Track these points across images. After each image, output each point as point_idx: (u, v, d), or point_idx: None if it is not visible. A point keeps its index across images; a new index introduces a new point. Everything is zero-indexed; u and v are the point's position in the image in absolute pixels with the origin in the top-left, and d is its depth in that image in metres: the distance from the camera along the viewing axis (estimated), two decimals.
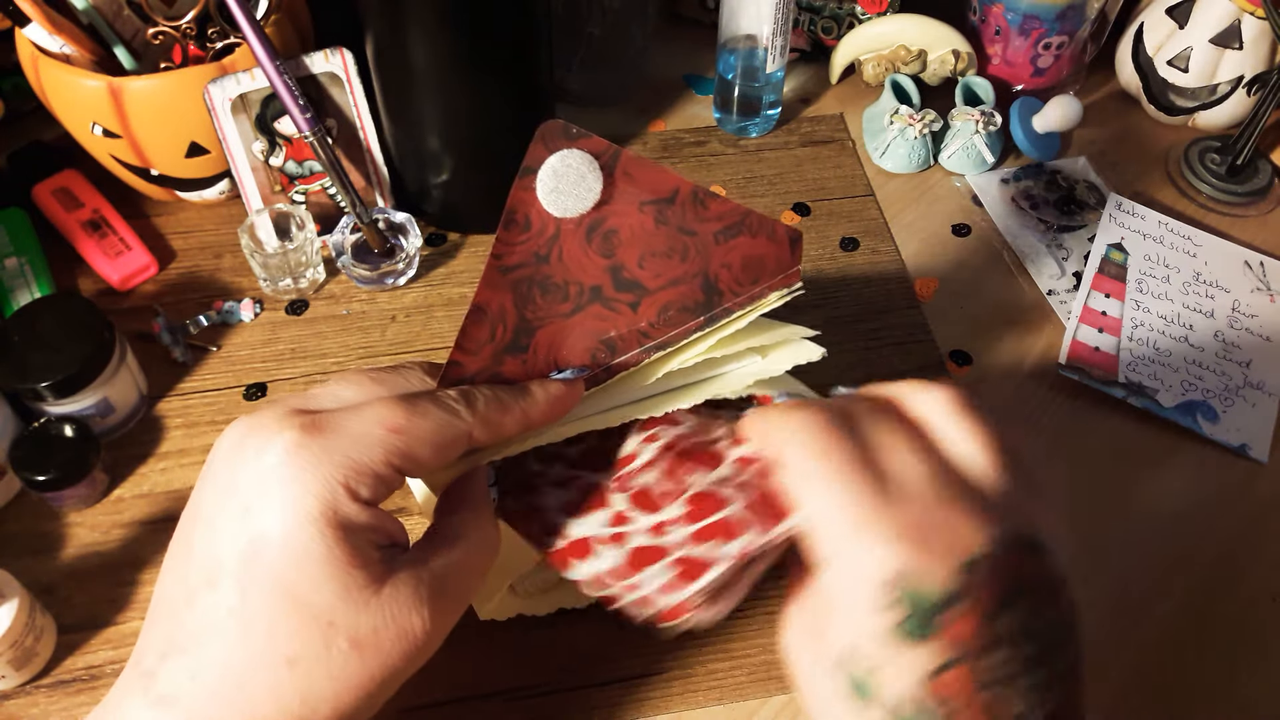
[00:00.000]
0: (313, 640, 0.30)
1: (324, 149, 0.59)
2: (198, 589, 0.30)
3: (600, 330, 0.39)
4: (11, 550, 0.51)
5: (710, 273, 0.41)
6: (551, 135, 0.37)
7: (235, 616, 0.30)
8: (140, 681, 0.31)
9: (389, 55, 0.59)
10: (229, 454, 0.32)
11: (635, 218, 0.39)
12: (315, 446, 0.30)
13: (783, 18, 0.67)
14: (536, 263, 0.38)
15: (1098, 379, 0.59)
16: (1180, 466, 0.56)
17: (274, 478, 0.30)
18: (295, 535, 0.30)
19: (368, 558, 0.31)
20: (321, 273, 0.63)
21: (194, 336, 0.60)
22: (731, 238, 0.41)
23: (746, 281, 0.41)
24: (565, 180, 0.38)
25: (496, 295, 0.38)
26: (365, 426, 0.31)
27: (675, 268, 0.40)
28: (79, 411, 0.53)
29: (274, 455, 0.30)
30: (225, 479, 0.31)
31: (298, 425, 0.31)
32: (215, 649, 0.30)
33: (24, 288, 0.61)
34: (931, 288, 0.65)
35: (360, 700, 0.31)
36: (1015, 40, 0.73)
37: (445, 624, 0.33)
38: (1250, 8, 0.68)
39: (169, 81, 0.57)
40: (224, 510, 0.31)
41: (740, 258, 0.41)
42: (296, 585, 0.30)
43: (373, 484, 0.31)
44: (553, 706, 0.46)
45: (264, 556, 0.30)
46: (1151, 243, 0.67)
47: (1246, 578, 0.52)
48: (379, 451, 0.31)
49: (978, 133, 0.70)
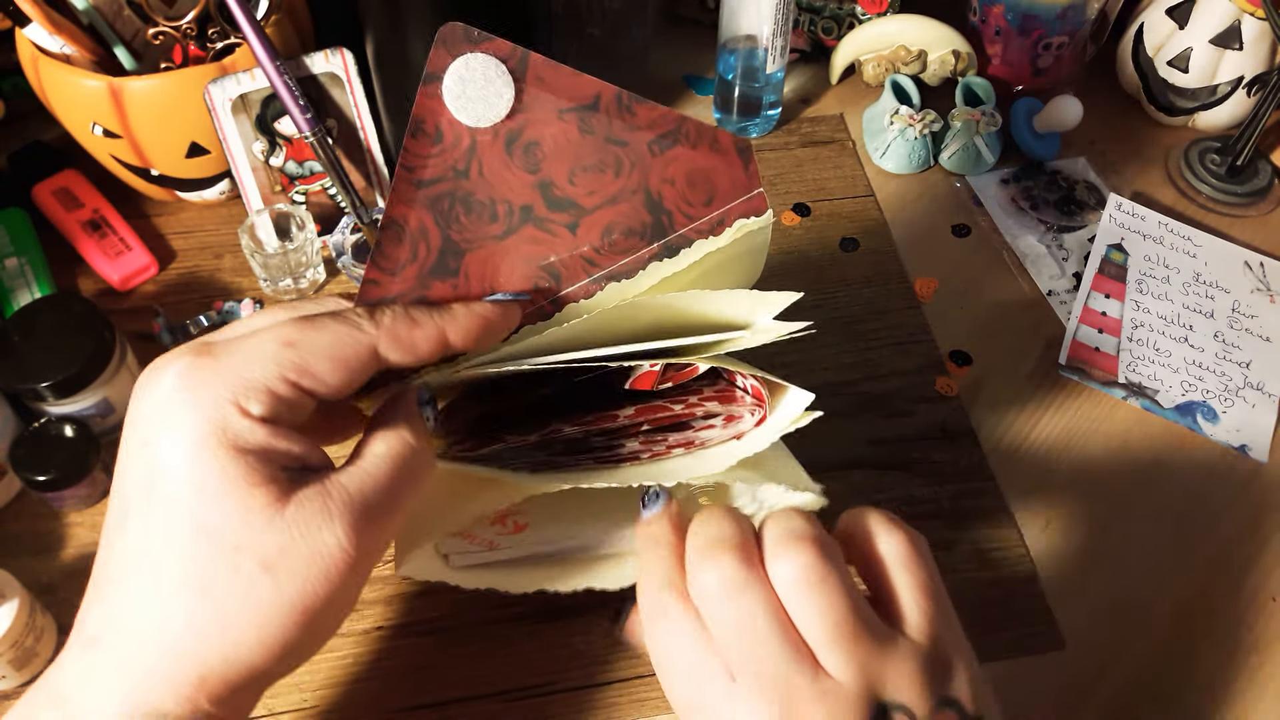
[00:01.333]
0: (221, 566, 0.29)
1: (324, 149, 0.59)
2: (111, 531, 0.30)
3: (538, 255, 0.37)
4: (12, 550, 0.51)
5: (652, 189, 0.38)
6: (453, 39, 0.35)
7: (145, 553, 0.29)
8: (75, 633, 0.31)
9: (389, 55, 0.59)
10: (136, 392, 0.31)
11: (556, 126, 0.37)
12: (205, 369, 0.30)
13: (783, 18, 0.67)
14: (455, 177, 0.36)
15: (1098, 379, 0.59)
16: (1180, 467, 0.56)
17: (167, 405, 0.30)
18: (190, 460, 0.29)
19: (267, 476, 0.30)
20: (322, 273, 0.63)
21: (194, 336, 0.60)
22: (668, 148, 0.38)
23: (698, 202, 0.38)
24: (472, 85, 0.35)
25: (413, 212, 0.35)
26: (258, 344, 0.30)
27: (610, 183, 0.37)
28: (79, 411, 0.53)
29: (167, 382, 0.30)
30: (130, 416, 0.31)
31: (190, 350, 0.31)
32: (131, 586, 0.30)
33: (24, 288, 0.61)
34: (931, 288, 0.65)
35: (287, 630, 0.30)
36: (1015, 40, 0.73)
37: (369, 544, 0.31)
38: (1250, 8, 0.68)
39: (169, 82, 0.57)
40: (127, 447, 0.30)
41: (684, 172, 0.38)
42: (197, 512, 0.29)
43: (267, 400, 0.30)
44: (553, 706, 0.46)
45: (162, 487, 0.29)
46: (1151, 243, 0.67)
47: (1246, 578, 0.52)
48: (272, 367, 0.30)
49: (978, 133, 0.70)
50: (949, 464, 0.55)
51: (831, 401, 0.56)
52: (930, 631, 0.33)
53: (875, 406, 0.58)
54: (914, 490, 0.54)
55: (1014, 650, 0.49)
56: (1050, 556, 0.52)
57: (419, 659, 0.47)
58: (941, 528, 0.53)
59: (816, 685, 0.31)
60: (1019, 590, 0.51)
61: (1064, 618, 0.50)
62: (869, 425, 0.57)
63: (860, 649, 0.31)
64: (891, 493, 0.54)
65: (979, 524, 0.53)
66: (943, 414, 0.58)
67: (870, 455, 0.55)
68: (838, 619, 0.31)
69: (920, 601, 0.33)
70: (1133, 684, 0.48)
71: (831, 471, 0.38)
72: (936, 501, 0.54)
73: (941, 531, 0.52)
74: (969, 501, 0.54)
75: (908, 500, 0.54)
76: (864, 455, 0.55)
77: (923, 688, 0.31)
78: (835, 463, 0.55)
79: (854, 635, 0.31)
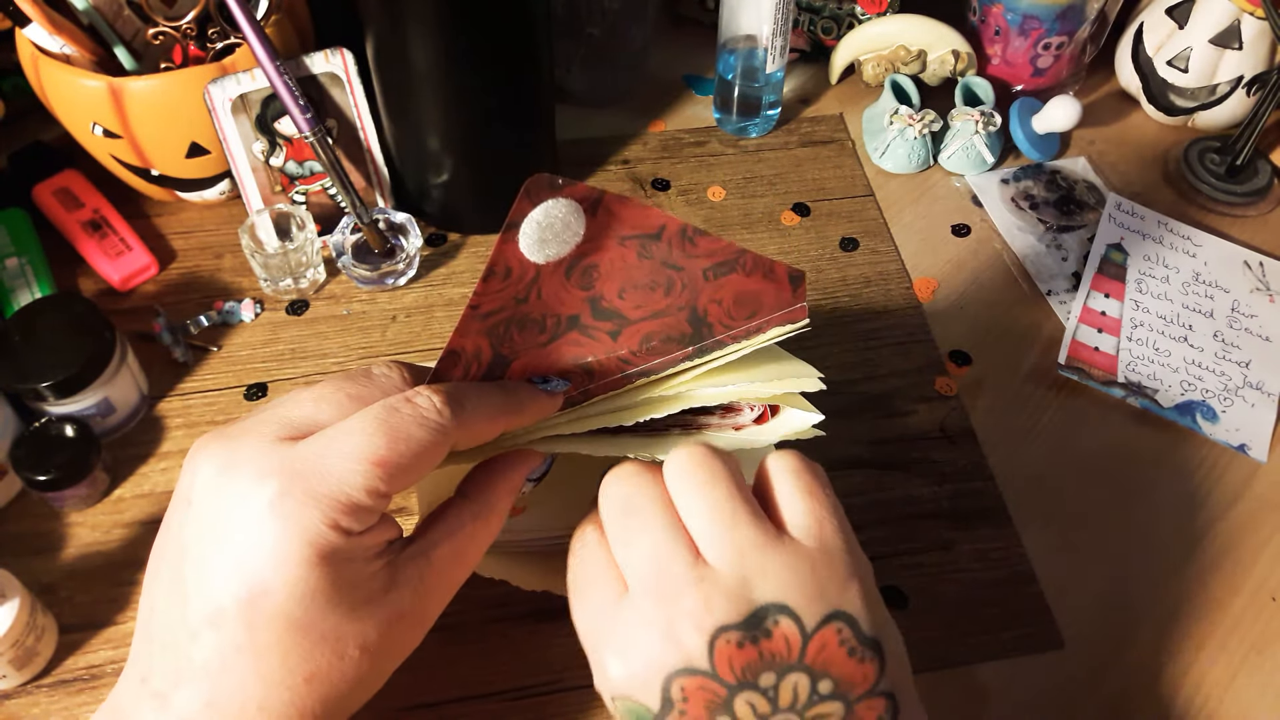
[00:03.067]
0: (326, 656, 0.31)
1: (324, 149, 0.59)
2: (200, 629, 0.31)
3: (577, 355, 0.39)
4: (12, 550, 0.51)
5: (699, 307, 0.40)
6: (538, 189, 0.37)
7: (245, 652, 0.30)
8: (153, 701, 0.31)
9: (389, 55, 0.59)
10: (212, 492, 0.32)
11: (615, 251, 0.39)
12: (299, 494, 0.31)
13: (783, 18, 0.67)
14: (515, 305, 0.38)
15: (1097, 379, 0.59)
16: (1180, 467, 0.56)
17: (264, 529, 0.30)
18: (293, 581, 0.30)
19: (367, 574, 0.32)
20: (322, 273, 0.63)
21: (194, 336, 0.61)
22: (723, 275, 0.40)
23: (740, 316, 0.40)
24: (549, 230, 0.38)
25: (471, 340, 0.38)
26: (347, 464, 0.31)
27: (658, 300, 0.39)
28: (80, 411, 0.53)
29: (259, 504, 0.31)
30: (211, 520, 0.32)
31: (278, 472, 0.31)
32: (229, 679, 0.31)
33: (24, 288, 0.61)
34: (931, 288, 0.65)
35: (378, 685, 0.34)
36: (1015, 40, 0.73)
37: (448, 598, 0.35)
38: (1250, 8, 0.68)
39: (169, 82, 0.57)
40: (217, 555, 0.31)
41: (732, 294, 0.40)
42: (302, 619, 0.30)
43: (362, 515, 0.32)
44: (553, 706, 0.46)
45: (265, 602, 0.30)
46: (1151, 243, 0.67)
47: (1246, 577, 0.52)
48: (361, 485, 0.31)
49: (977, 133, 0.70)
50: (949, 464, 0.55)
51: (831, 401, 0.56)
52: (821, 537, 0.32)
53: (875, 406, 0.58)
54: (914, 490, 0.54)
55: (1013, 650, 0.49)
56: (1049, 556, 0.52)
57: (418, 658, 0.47)
58: (941, 528, 0.53)
59: (694, 571, 0.31)
60: (1018, 590, 0.51)
61: (1063, 617, 0.50)
62: (869, 425, 0.57)
63: (738, 536, 0.31)
64: (891, 493, 0.54)
65: (979, 524, 0.53)
66: (943, 414, 0.58)
67: (870, 455, 0.55)
68: (716, 504, 0.32)
69: (808, 505, 0.33)
70: (1132, 684, 0.48)
71: (831, 471, 0.38)
72: (936, 501, 0.54)
73: (941, 531, 0.52)
74: (969, 501, 0.54)
75: (908, 500, 0.54)
76: (864, 455, 0.56)
77: (810, 594, 0.31)
78: (835, 463, 0.54)
79: (731, 522, 0.32)
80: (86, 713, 0.46)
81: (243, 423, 0.33)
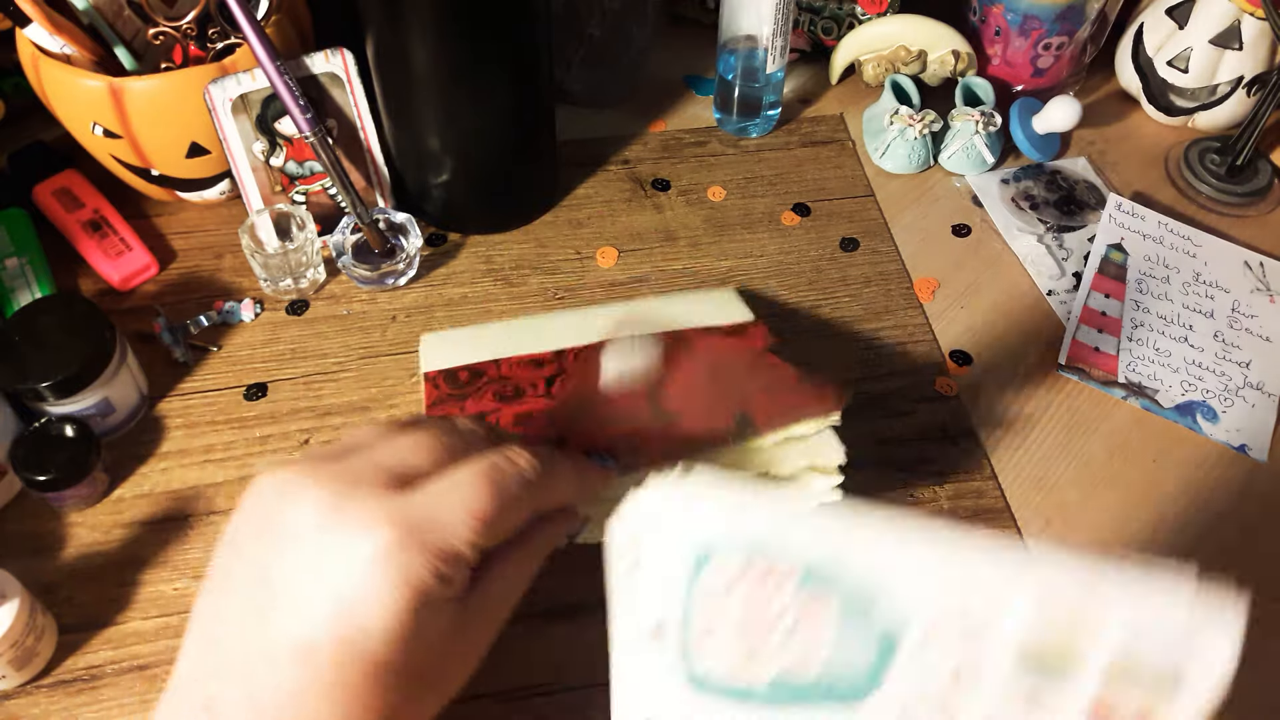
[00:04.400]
0: (409, 693, 0.32)
1: (324, 149, 0.59)
2: (283, 660, 0.31)
3: (627, 430, 0.43)
4: (12, 550, 0.51)
5: (749, 411, 0.43)
6: None
7: (332, 688, 0.31)
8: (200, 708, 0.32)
9: (389, 55, 0.59)
10: (316, 529, 0.32)
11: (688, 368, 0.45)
12: (412, 545, 0.32)
13: (783, 18, 0.67)
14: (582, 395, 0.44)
15: (1097, 379, 0.59)
16: (1180, 467, 0.56)
17: (372, 573, 0.31)
18: (392, 625, 0.31)
19: (447, 616, 0.33)
20: (322, 273, 0.63)
21: (195, 336, 0.60)
22: (779, 394, 0.44)
23: (781, 416, 0.44)
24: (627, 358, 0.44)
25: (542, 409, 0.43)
26: (455, 515, 0.33)
27: (711, 406, 0.43)
28: (79, 411, 0.53)
29: (369, 549, 0.31)
30: (313, 556, 0.32)
31: (391, 521, 0.32)
32: (309, 713, 0.31)
33: (25, 288, 0.61)
34: (931, 288, 0.65)
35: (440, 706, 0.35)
36: (1015, 41, 0.73)
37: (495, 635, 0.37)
38: (1250, 8, 0.68)
39: (169, 82, 0.57)
40: (317, 591, 0.32)
41: (782, 406, 0.44)
42: (389, 660, 0.31)
43: (461, 565, 0.33)
44: (553, 706, 0.46)
45: (361, 642, 0.31)
46: (1151, 243, 0.67)
47: (1246, 578, 0.52)
48: (466, 537, 0.33)
49: (978, 133, 0.70)
50: (949, 464, 0.55)
51: None
52: None
53: (875, 406, 0.58)
54: (914, 490, 0.54)
55: None
56: None
57: None
58: None
59: None
60: None
61: None
62: (869, 425, 0.57)
63: None
64: (892, 493, 0.54)
65: (979, 524, 0.53)
66: (943, 414, 0.58)
67: (870, 455, 0.55)
68: None
69: None
70: None
71: None
72: (936, 501, 0.54)
73: None
74: (969, 501, 0.54)
75: (908, 500, 0.54)
76: (864, 455, 0.55)
77: None
78: None
79: None
80: (86, 713, 0.46)
81: (341, 464, 0.34)
